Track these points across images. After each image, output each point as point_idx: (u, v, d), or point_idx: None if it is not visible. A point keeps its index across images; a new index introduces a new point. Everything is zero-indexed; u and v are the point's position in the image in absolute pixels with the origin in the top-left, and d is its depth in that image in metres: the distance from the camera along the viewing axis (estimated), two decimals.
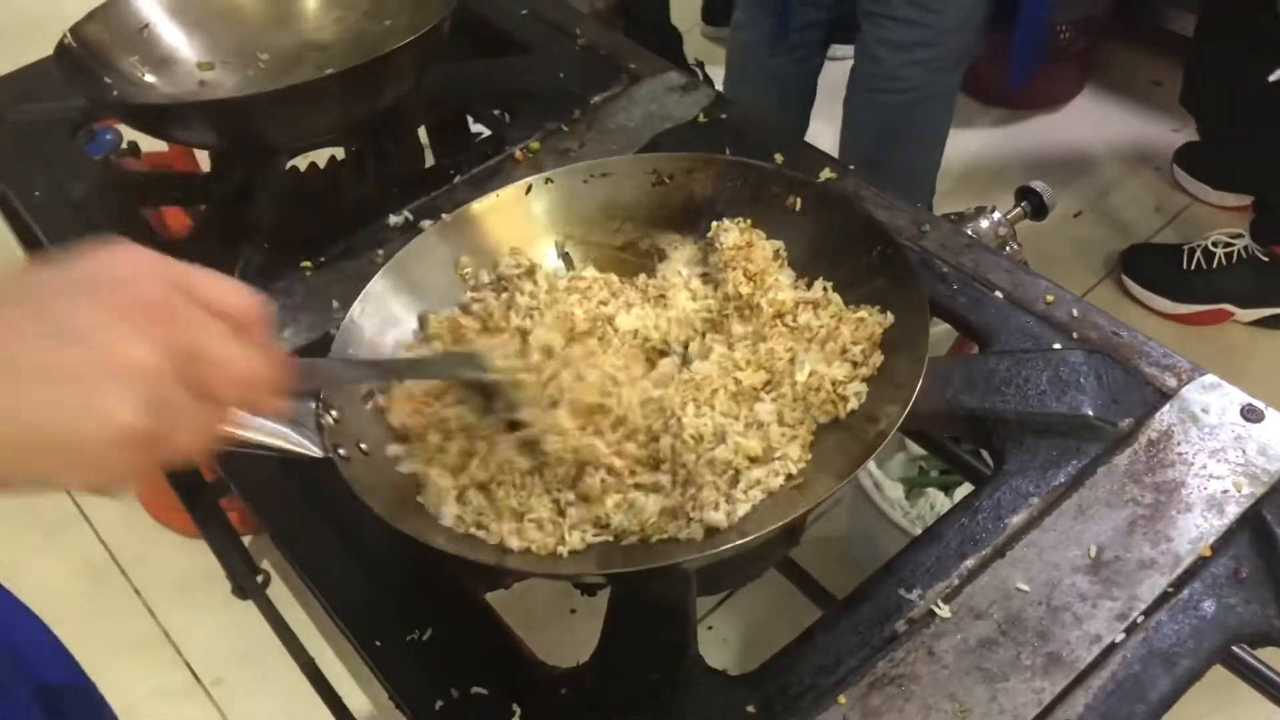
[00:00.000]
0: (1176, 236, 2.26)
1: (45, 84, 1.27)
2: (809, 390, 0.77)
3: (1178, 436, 0.81)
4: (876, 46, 1.84)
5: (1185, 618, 0.72)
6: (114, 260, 0.48)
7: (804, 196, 0.87)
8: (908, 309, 0.79)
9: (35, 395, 0.43)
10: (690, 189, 0.91)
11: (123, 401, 0.44)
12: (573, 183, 0.91)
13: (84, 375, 0.44)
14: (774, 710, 0.69)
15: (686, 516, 0.71)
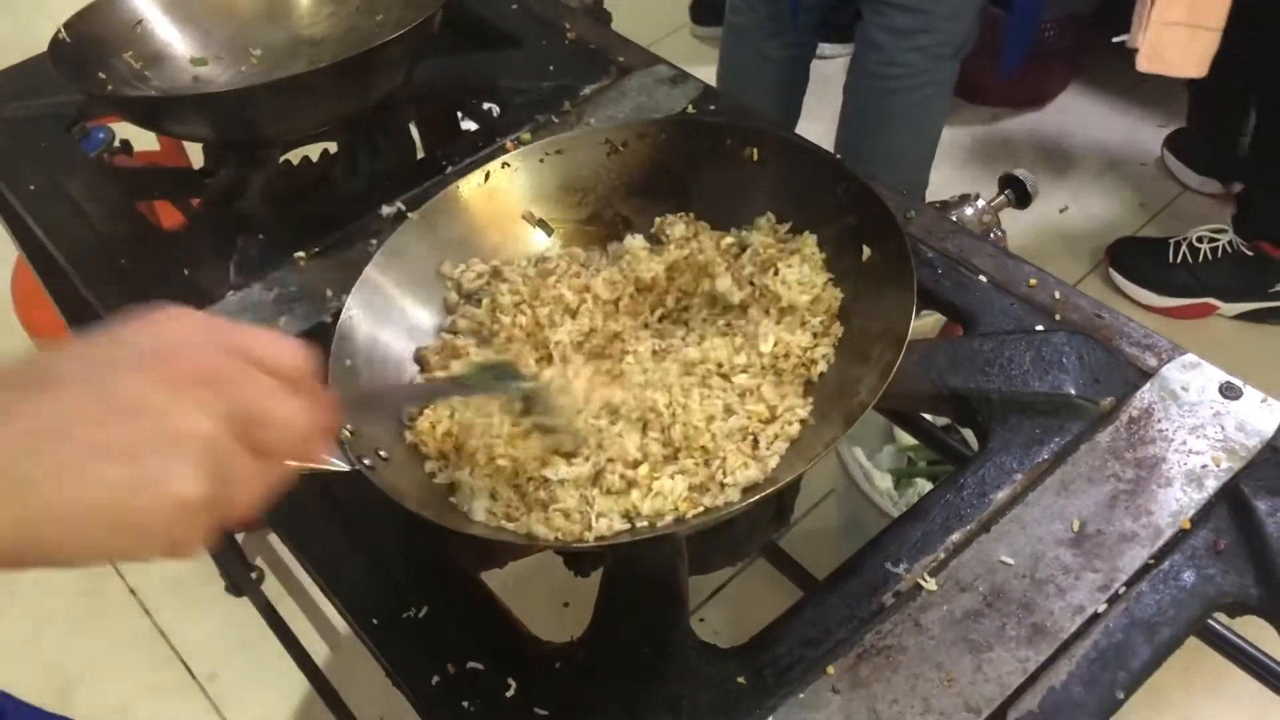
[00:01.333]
0: (1161, 231, 2.28)
1: (39, 80, 1.28)
2: (776, 359, 0.79)
3: (1158, 414, 0.82)
4: (877, 33, 1.86)
5: (1166, 588, 0.73)
6: (164, 328, 0.49)
7: (760, 146, 0.89)
8: (885, 241, 0.80)
9: (99, 474, 0.44)
10: (646, 154, 0.93)
11: (185, 474, 0.45)
12: (530, 163, 0.93)
13: (145, 451, 0.45)
14: (764, 681, 0.71)
15: (720, 484, 0.73)
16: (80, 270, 1.08)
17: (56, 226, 1.12)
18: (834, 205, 0.84)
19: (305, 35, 1.27)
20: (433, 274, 0.90)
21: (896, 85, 1.87)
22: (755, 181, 0.89)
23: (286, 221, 1.08)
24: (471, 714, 0.71)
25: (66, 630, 1.88)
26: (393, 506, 0.81)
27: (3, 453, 0.43)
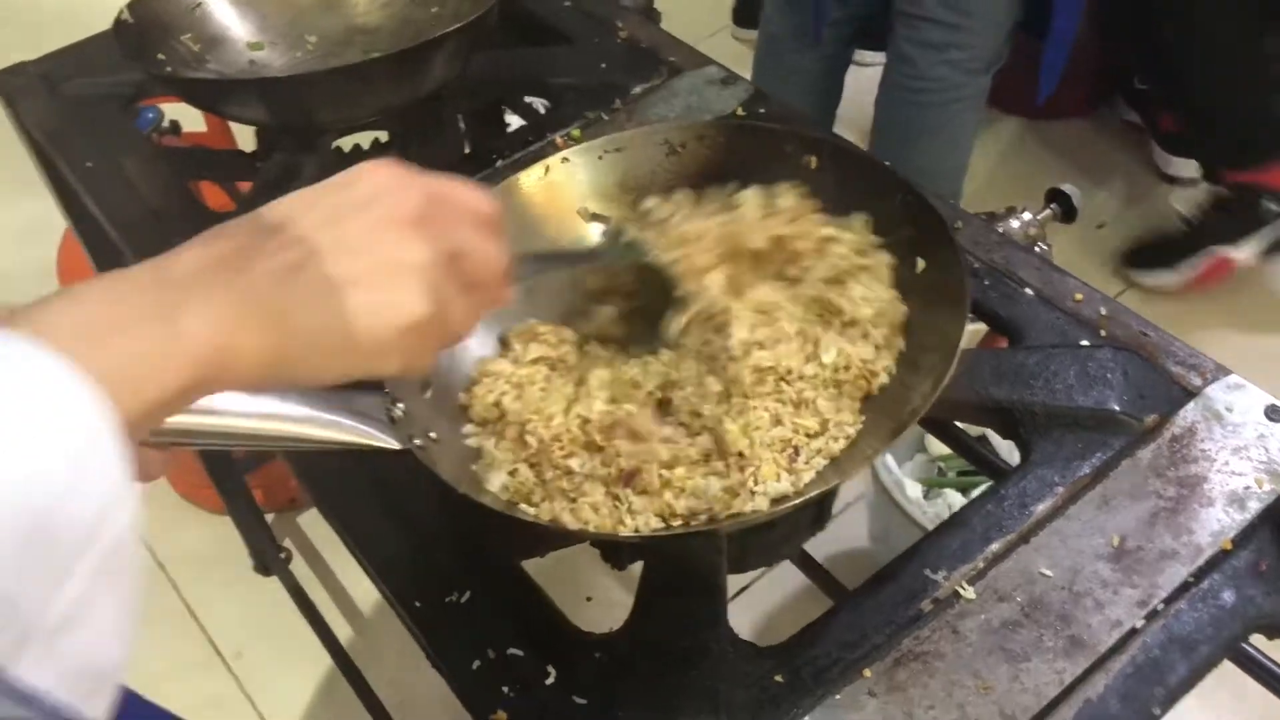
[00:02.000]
0: None
1: (97, 59, 1.30)
2: (837, 370, 0.79)
3: (1201, 433, 0.83)
4: (909, 46, 1.87)
5: (1205, 606, 0.73)
6: (378, 178, 0.54)
7: (819, 154, 0.89)
8: (939, 254, 0.81)
9: (340, 303, 0.50)
10: (704, 156, 0.93)
11: (413, 296, 0.52)
12: (589, 159, 0.93)
13: (376, 282, 0.51)
14: (801, 680, 0.72)
15: (750, 491, 0.73)
16: (132, 246, 1.09)
17: (110, 202, 1.14)
18: (891, 216, 0.85)
19: (360, 24, 1.29)
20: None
21: (927, 99, 1.88)
22: (812, 189, 0.89)
23: None
24: (510, 699, 0.72)
25: None
26: (438, 490, 0.83)
27: (257, 289, 0.48)
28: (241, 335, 0.47)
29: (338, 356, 0.51)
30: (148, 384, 0.44)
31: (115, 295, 0.45)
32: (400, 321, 0.52)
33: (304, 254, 0.50)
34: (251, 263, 0.49)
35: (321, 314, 0.50)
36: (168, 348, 0.45)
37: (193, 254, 0.49)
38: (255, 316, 0.48)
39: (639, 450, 0.75)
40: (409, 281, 0.52)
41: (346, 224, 0.52)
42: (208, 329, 0.46)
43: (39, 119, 1.25)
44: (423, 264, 0.53)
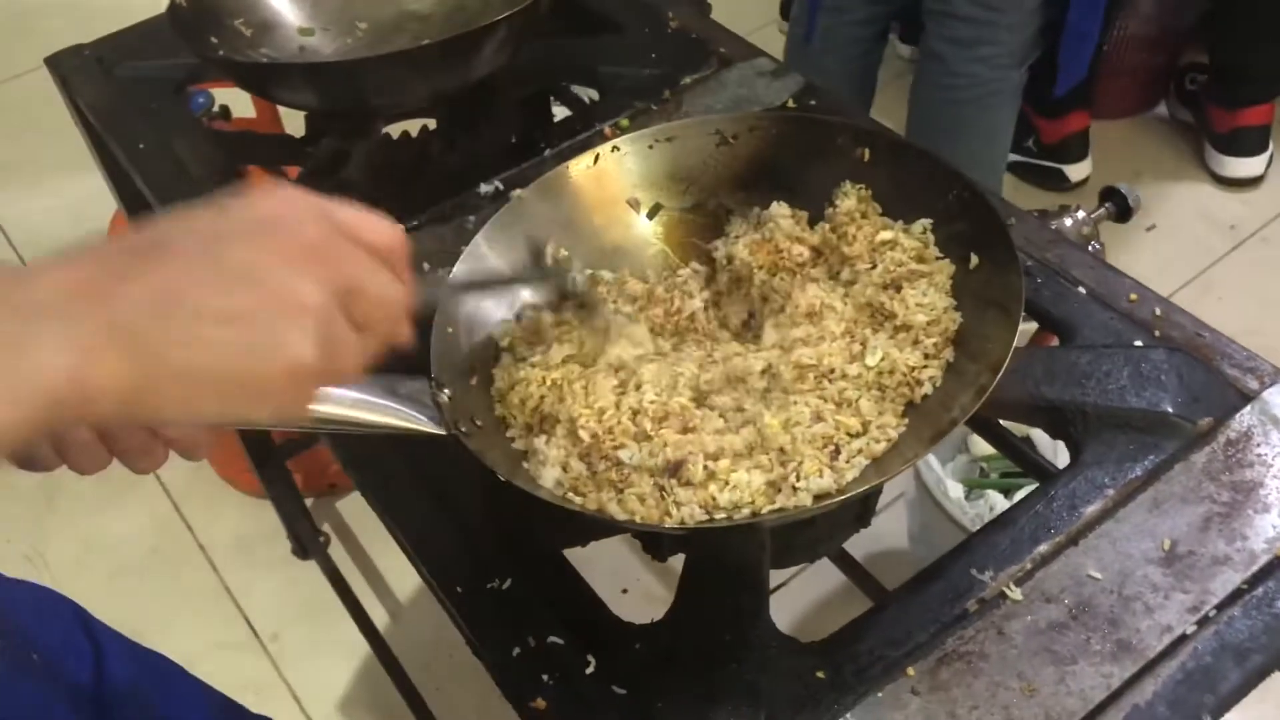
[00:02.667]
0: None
1: (150, 43, 1.31)
2: (881, 374, 0.78)
3: (1257, 438, 0.81)
4: (940, 44, 1.86)
5: (1259, 614, 0.72)
6: (272, 202, 0.51)
7: (872, 147, 0.89)
8: (993, 252, 0.80)
9: (216, 339, 0.46)
10: (755, 147, 0.93)
11: (299, 339, 0.48)
12: (640, 148, 0.93)
13: (261, 317, 0.47)
14: (844, 677, 0.71)
15: (792, 487, 0.72)
16: None
17: (162, 184, 1.15)
18: (944, 211, 0.84)
19: (411, 10, 1.29)
20: (537, 251, 0.90)
21: (960, 95, 1.87)
22: (864, 181, 0.88)
23: (385, 194, 1.09)
24: (550, 688, 0.72)
25: (139, 582, 1.92)
26: (480, 477, 0.82)
27: (122, 314, 0.44)
28: (101, 368, 0.43)
29: (208, 399, 0.47)
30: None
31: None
32: (283, 366, 0.47)
33: (179, 280, 0.46)
34: (120, 287, 0.45)
35: (195, 351, 0.46)
36: (14, 381, 0.41)
37: (55, 274, 0.45)
38: (118, 348, 0.44)
39: (686, 440, 0.75)
40: (296, 322, 0.48)
41: (232, 250, 0.47)
42: (62, 360, 0.42)
43: (93, 100, 1.26)
44: (314, 303, 0.48)
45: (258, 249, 0.48)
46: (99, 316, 0.44)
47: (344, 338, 0.50)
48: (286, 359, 0.47)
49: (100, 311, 0.44)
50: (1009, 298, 0.76)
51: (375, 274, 0.52)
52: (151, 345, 0.45)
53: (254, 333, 0.47)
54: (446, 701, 1.65)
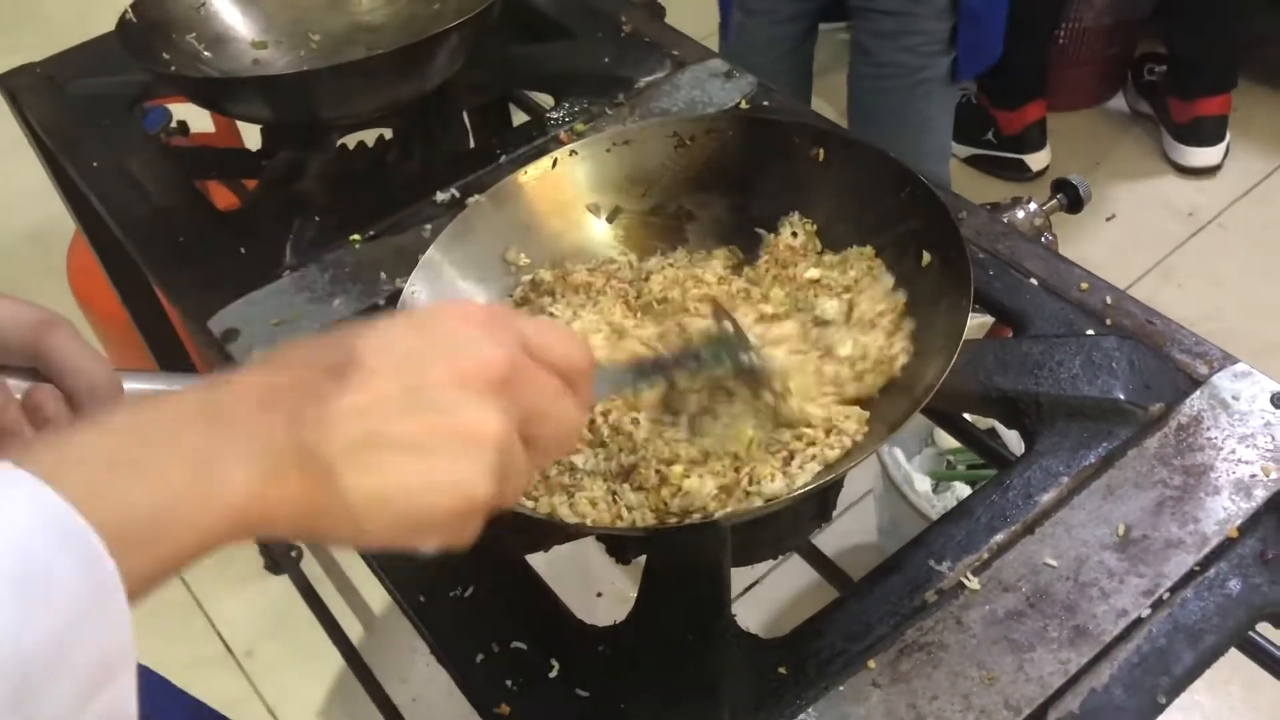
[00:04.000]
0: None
1: (103, 59, 1.31)
2: (856, 361, 0.79)
3: (1207, 422, 0.82)
4: (865, 38, 1.89)
5: (1211, 595, 0.73)
6: (464, 323, 0.50)
7: (827, 147, 0.90)
8: (945, 248, 0.81)
9: (398, 468, 0.45)
10: (713, 148, 0.94)
11: (481, 475, 0.47)
12: (597, 152, 0.93)
13: (444, 449, 0.46)
14: (805, 672, 0.71)
15: (745, 491, 0.73)
16: (138, 246, 1.10)
17: (117, 202, 1.14)
18: (897, 209, 0.85)
19: (364, 22, 1.29)
20: (495, 258, 0.90)
21: (891, 85, 1.90)
22: (819, 181, 0.90)
23: (342, 204, 1.10)
24: (514, 693, 0.72)
25: None
26: None
27: (313, 437, 0.44)
28: (284, 488, 0.43)
29: (380, 527, 0.46)
30: (168, 537, 0.40)
31: (148, 429, 0.41)
32: (459, 501, 0.47)
33: (372, 407, 0.45)
34: (311, 406, 0.45)
35: (377, 481, 0.45)
36: (199, 496, 0.40)
37: (247, 383, 0.45)
38: (305, 472, 0.43)
39: (640, 445, 0.75)
40: (479, 456, 0.47)
41: (425, 376, 0.47)
42: (247, 480, 0.42)
43: (45, 119, 1.26)
44: (498, 436, 0.47)
45: (450, 373, 0.47)
46: (289, 436, 0.44)
47: (518, 466, 0.49)
48: (464, 495, 0.47)
49: (291, 431, 0.44)
50: (960, 287, 0.77)
51: (558, 401, 0.51)
52: (338, 472, 0.44)
53: (436, 463, 0.46)
54: (423, 712, 1.65)
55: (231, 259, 1.05)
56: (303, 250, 1.04)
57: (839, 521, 1.80)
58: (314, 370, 0.46)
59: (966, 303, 0.75)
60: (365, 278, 1.01)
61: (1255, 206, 2.36)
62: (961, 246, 0.79)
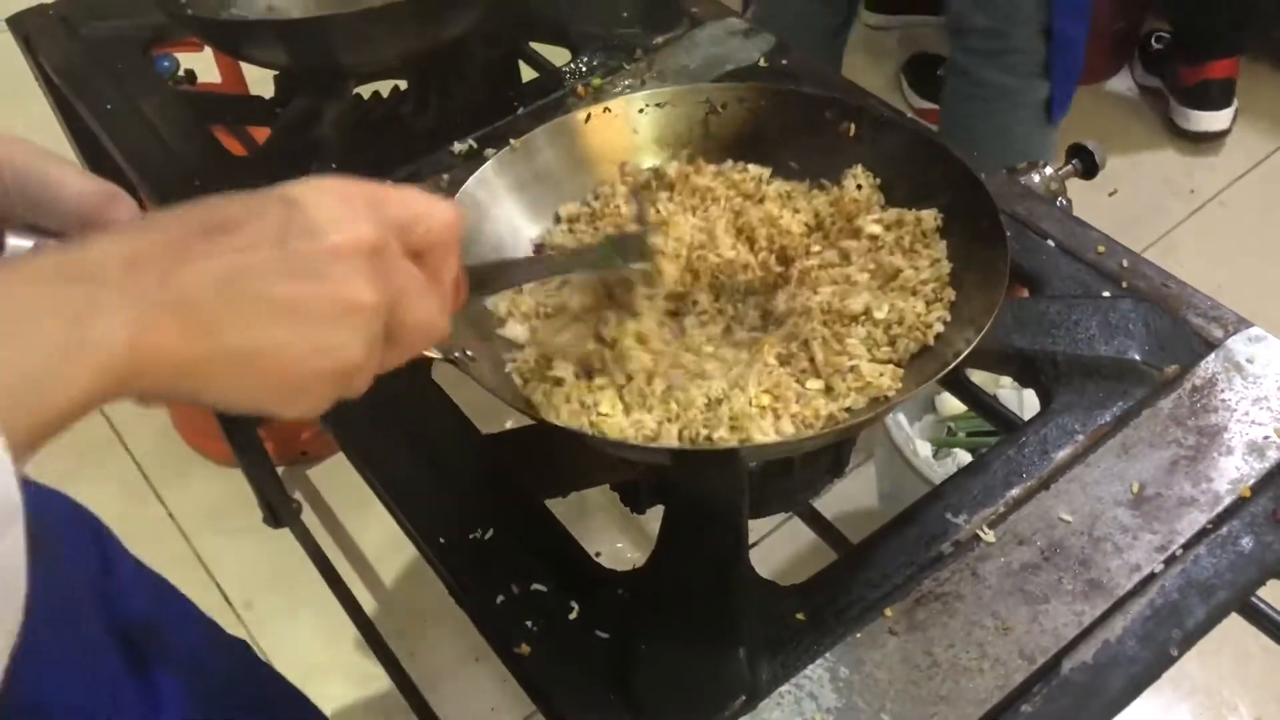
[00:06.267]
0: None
1: (119, 2, 1.30)
2: (891, 325, 0.79)
3: (1221, 384, 0.83)
4: (963, 58, 1.85)
5: (1223, 552, 0.74)
6: (330, 198, 0.49)
7: (859, 122, 0.90)
8: (977, 222, 0.81)
9: (275, 329, 0.46)
10: (743, 118, 0.94)
11: (356, 343, 0.48)
12: (629, 111, 0.93)
13: (321, 314, 0.47)
14: (823, 619, 0.72)
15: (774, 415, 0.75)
16: (154, 189, 1.09)
17: (131, 146, 1.14)
18: (928, 184, 0.85)
19: None
20: (525, 205, 0.90)
21: (991, 107, 1.84)
22: (849, 154, 0.90)
23: (358, 153, 1.09)
24: (534, 633, 0.73)
25: None
26: (462, 430, 0.83)
27: (186, 290, 0.44)
28: (159, 340, 0.42)
29: (253, 386, 0.46)
30: (48, 396, 0.39)
31: (13, 290, 0.40)
32: (333, 365, 0.48)
33: (245, 265, 0.45)
34: (185, 262, 0.44)
35: (252, 335, 0.45)
36: (74, 353, 0.40)
37: (114, 243, 0.44)
38: (179, 322, 0.43)
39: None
40: (353, 322, 0.48)
41: (297, 243, 0.47)
42: (122, 333, 0.41)
43: (58, 61, 1.25)
44: (371, 304, 0.48)
45: (323, 245, 0.47)
46: (161, 291, 0.43)
47: (381, 347, 0.50)
48: (339, 359, 0.48)
49: (162, 286, 0.43)
50: (996, 261, 0.77)
51: (421, 295, 0.52)
52: (213, 324, 0.44)
53: (313, 329, 0.47)
54: (422, 666, 1.66)
55: None
56: None
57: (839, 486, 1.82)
58: (185, 230, 0.46)
59: (1001, 279, 0.75)
60: None
61: (1257, 185, 2.36)
62: (998, 222, 0.79)
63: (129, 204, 0.59)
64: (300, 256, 0.47)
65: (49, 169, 0.57)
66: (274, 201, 0.49)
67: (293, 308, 0.46)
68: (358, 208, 0.50)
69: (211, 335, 0.44)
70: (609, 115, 0.93)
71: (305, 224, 0.48)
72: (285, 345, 0.46)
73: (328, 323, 0.47)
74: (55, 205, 0.57)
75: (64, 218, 0.58)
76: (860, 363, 0.76)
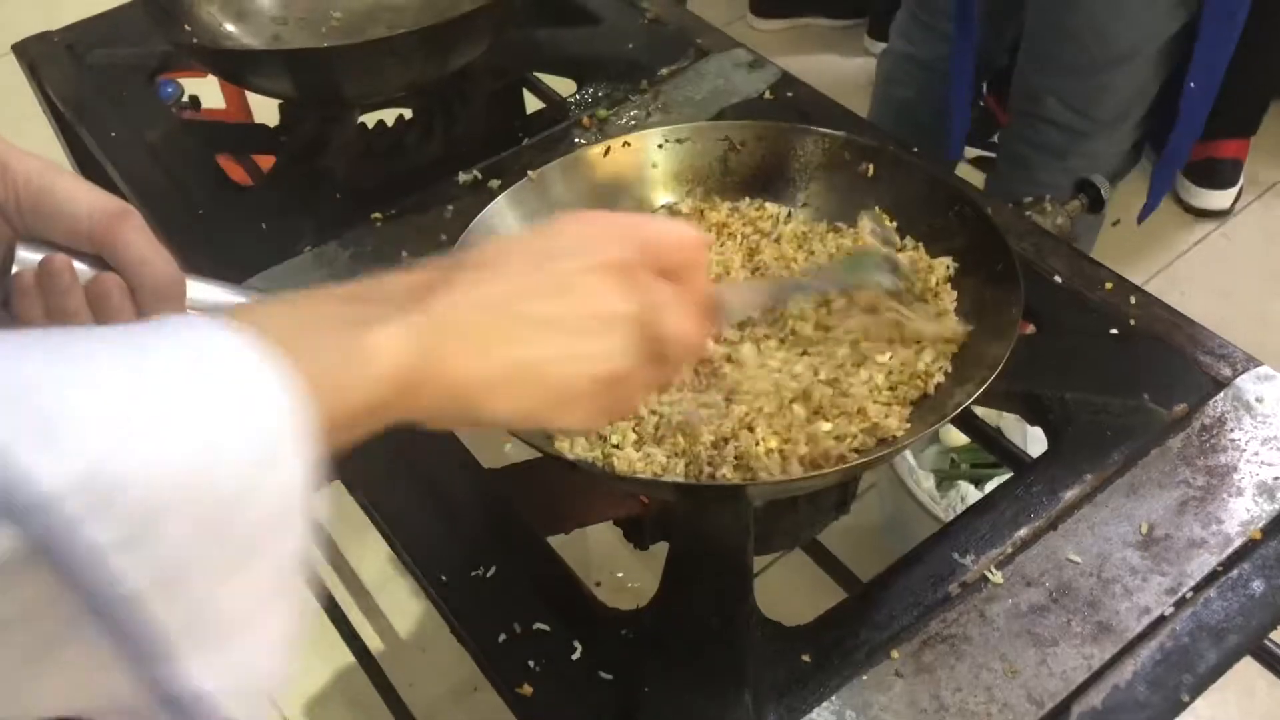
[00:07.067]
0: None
1: (122, 30, 1.30)
2: (892, 371, 0.79)
3: (1230, 424, 0.82)
4: (1024, 147, 1.66)
5: (1234, 595, 0.73)
6: (580, 226, 0.53)
7: (877, 163, 0.89)
8: (991, 266, 0.80)
9: (544, 343, 0.50)
10: (760, 156, 0.93)
11: (612, 346, 0.51)
12: (649, 146, 0.93)
13: (578, 325, 0.51)
14: (829, 661, 0.71)
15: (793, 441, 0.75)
16: (157, 218, 1.09)
17: (135, 174, 1.14)
18: (944, 227, 0.86)
19: (386, 1, 1.28)
20: None
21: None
22: (866, 194, 0.90)
23: (364, 182, 1.09)
24: (536, 673, 0.72)
25: None
26: (463, 462, 0.82)
27: (460, 312, 0.47)
28: (435, 358, 0.46)
29: (525, 398, 0.50)
30: (344, 390, 0.42)
31: (316, 305, 0.45)
32: (598, 371, 0.51)
33: (510, 289, 0.49)
34: (455, 289, 0.48)
35: (523, 348, 0.49)
36: (365, 356, 0.43)
37: (395, 279, 0.49)
38: (452, 341, 0.47)
39: None
40: (614, 331, 0.51)
41: (553, 266, 0.51)
42: (404, 346, 0.44)
43: (62, 89, 1.25)
44: (628, 315, 0.51)
45: (577, 265, 0.51)
46: (434, 313, 0.46)
47: (644, 361, 0.53)
48: (602, 365, 0.51)
49: (439, 308, 0.47)
50: (1010, 306, 0.77)
51: (676, 310, 0.54)
52: (483, 343, 0.48)
53: (575, 339, 0.50)
54: (421, 696, 1.64)
55: (251, 234, 1.04)
56: (324, 227, 1.04)
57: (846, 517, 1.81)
58: (453, 269, 0.50)
59: (1014, 325, 0.75)
60: (386, 256, 1.00)
61: (1261, 215, 2.36)
62: (1014, 266, 0.79)
63: (139, 221, 0.60)
64: (556, 277, 0.51)
65: (61, 184, 0.59)
66: (530, 236, 0.54)
67: (553, 323, 0.50)
68: (606, 232, 0.53)
69: (482, 353, 0.48)
70: (628, 149, 0.93)
71: (558, 249, 0.52)
72: (551, 358, 0.50)
73: (588, 334, 0.51)
74: (67, 220, 0.59)
75: (75, 232, 0.59)
76: (867, 404, 0.76)
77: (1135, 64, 1.54)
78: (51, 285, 0.59)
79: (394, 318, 0.45)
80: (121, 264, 0.60)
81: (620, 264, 0.52)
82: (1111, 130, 1.62)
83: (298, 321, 0.42)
